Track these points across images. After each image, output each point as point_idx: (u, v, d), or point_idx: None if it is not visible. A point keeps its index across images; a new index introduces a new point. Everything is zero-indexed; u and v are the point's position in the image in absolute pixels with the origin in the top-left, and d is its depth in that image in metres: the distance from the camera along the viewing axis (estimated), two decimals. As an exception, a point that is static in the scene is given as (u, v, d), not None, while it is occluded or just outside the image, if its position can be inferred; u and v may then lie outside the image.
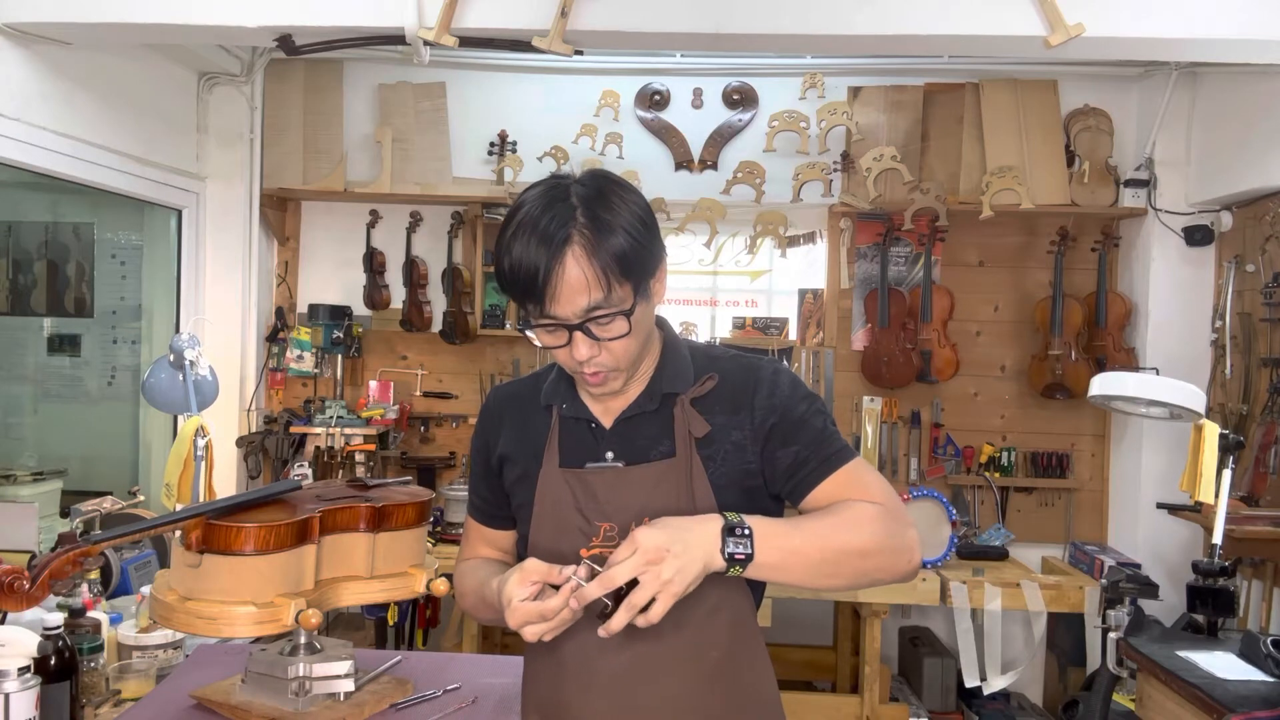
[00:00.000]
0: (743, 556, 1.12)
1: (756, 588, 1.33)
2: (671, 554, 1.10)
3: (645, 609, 1.11)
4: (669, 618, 1.17)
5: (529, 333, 1.24)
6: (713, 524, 1.14)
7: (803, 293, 4.22)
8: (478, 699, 1.57)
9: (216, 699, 1.50)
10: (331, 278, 4.31)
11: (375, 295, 4.19)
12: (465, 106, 4.22)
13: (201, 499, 2.86)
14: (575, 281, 1.15)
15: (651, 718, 1.26)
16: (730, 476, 1.26)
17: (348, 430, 3.99)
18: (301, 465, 3.94)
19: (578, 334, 1.19)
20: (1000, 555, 3.76)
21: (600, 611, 1.12)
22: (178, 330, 3.81)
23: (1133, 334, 4.02)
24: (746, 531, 1.14)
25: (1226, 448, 2.70)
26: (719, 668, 1.28)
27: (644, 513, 1.23)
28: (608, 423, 1.32)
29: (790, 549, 1.16)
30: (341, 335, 4.13)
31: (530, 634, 1.16)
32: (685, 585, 1.10)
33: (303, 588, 1.40)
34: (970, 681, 3.53)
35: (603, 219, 1.16)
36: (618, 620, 1.10)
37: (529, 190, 1.22)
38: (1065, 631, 3.99)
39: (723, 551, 1.12)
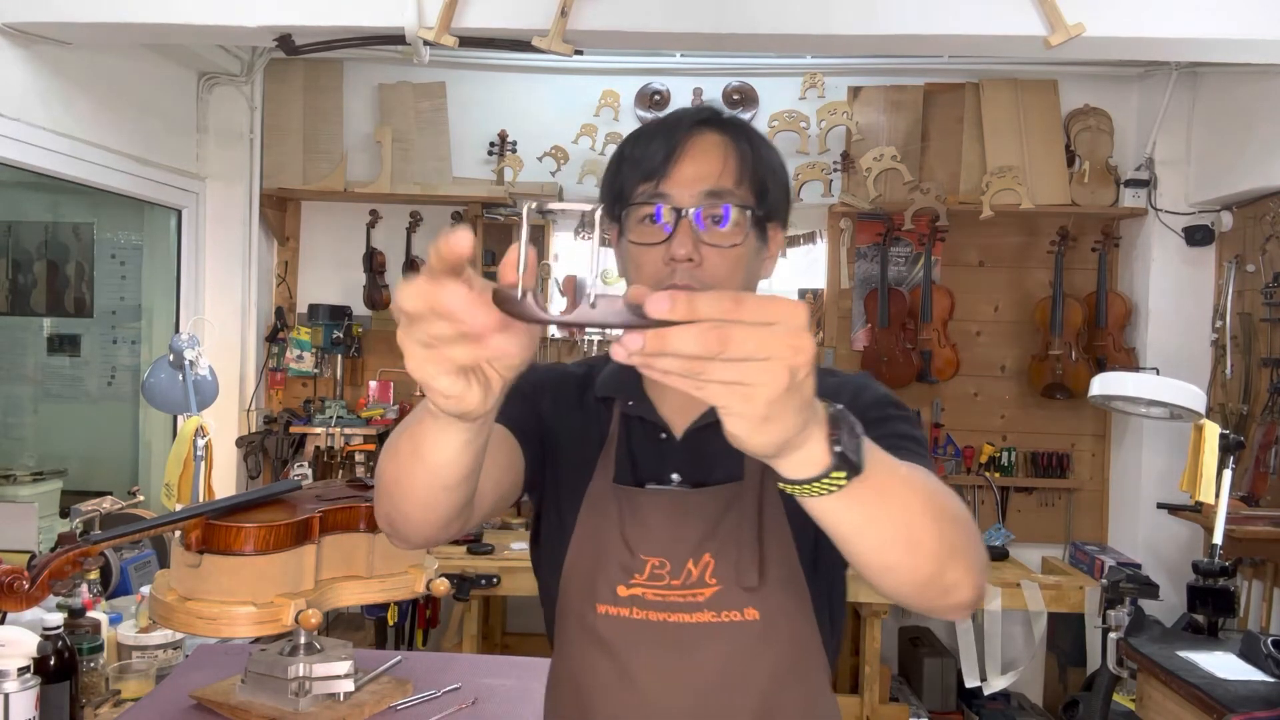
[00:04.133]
0: (853, 461, 0.67)
1: (834, 627, 1.08)
2: (802, 370, 0.59)
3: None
4: (723, 677, 0.97)
5: (621, 221, 1.04)
6: (819, 404, 0.68)
7: (803, 293, 4.22)
8: (478, 699, 1.57)
9: (216, 699, 1.50)
10: (331, 278, 4.31)
11: (375, 295, 4.19)
12: (465, 106, 4.22)
13: (201, 499, 2.86)
14: (709, 151, 1.02)
15: None
16: None
17: (348, 430, 3.99)
18: (301, 465, 3.94)
19: (684, 224, 0.99)
20: (1000, 555, 3.76)
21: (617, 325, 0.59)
22: (178, 330, 3.81)
23: (1133, 334, 4.02)
24: (859, 432, 0.69)
25: (1227, 448, 2.70)
26: None
27: (702, 548, 1.02)
28: (679, 430, 1.09)
29: (900, 480, 0.74)
30: (341, 335, 4.13)
31: (411, 356, 0.60)
32: (772, 416, 0.60)
33: (303, 588, 1.40)
34: (970, 681, 3.53)
35: (751, 131, 1.08)
36: (652, 342, 0.57)
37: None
38: (1065, 631, 3.99)
39: (832, 440, 0.66)
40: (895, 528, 0.75)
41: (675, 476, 1.08)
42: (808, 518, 0.77)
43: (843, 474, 0.67)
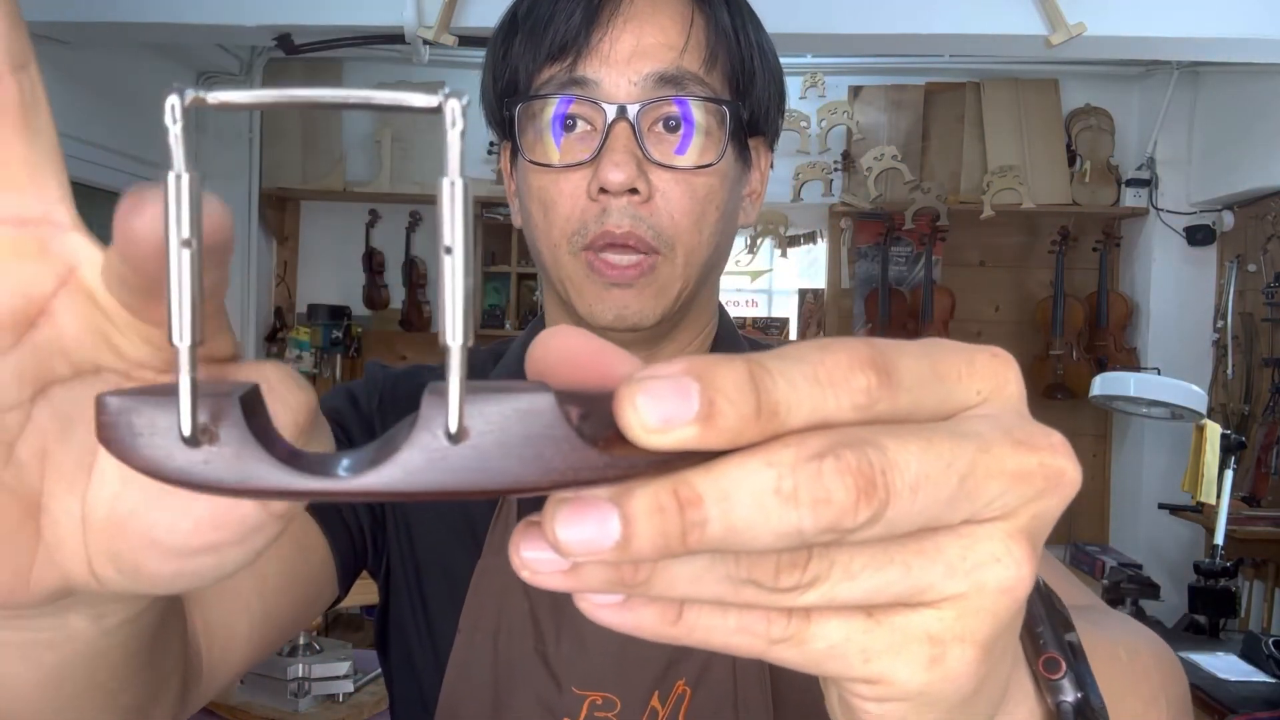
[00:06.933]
0: (1095, 711, 0.32)
1: None
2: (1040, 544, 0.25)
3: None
4: None
5: (514, 131, 0.65)
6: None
7: (803, 293, 4.21)
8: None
9: (215, 699, 1.50)
10: (330, 278, 4.30)
11: (374, 295, 4.18)
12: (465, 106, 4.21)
13: (200, 499, 2.85)
14: (659, 11, 0.62)
15: None
16: None
17: (347, 430, 3.98)
18: (301, 465, 3.94)
19: (619, 130, 0.61)
20: (1001, 556, 3.75)
21: None
22: (177, 330, 3.80)
23: (1134, 334, 4.01)
24: (1075, 633, 0.34)
25: (1228, 448, 2.69)
26: None
27: (674, 672, 0.64)
28: None
29: (1142, 699, 0.44)
30: (340, 335, 4.12)
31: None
32: (989, 677, 0.25)
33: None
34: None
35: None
36: (651, 528, 0.19)
37: None
38: (1066, 632, 3.98)
39: (1050, 680, 0.32)
40: None
41: None
42: None
43: None
